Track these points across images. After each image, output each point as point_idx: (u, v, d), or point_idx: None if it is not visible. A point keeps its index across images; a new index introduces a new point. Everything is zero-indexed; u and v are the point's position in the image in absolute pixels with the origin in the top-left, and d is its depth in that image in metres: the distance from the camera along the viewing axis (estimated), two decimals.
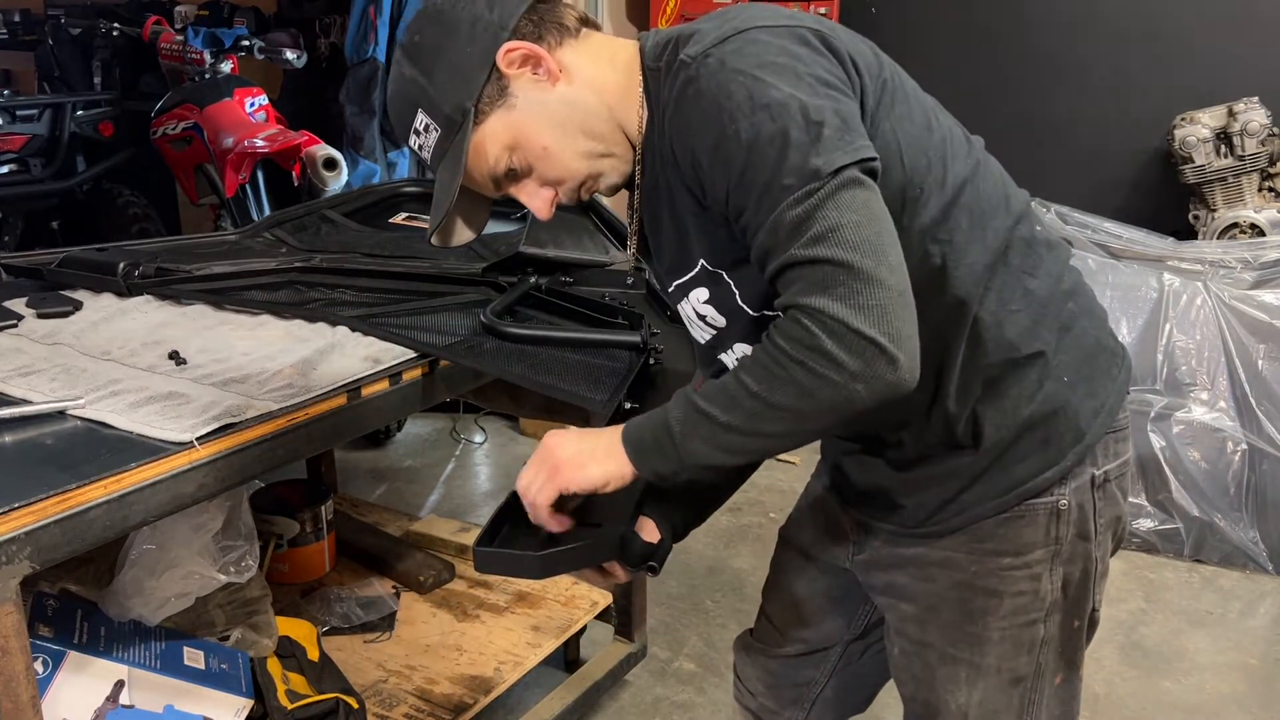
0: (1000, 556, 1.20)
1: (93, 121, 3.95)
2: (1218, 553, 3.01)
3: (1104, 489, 1.22)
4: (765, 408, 1.01)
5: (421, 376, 1.67)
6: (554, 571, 1.21)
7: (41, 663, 1.51)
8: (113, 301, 1.90)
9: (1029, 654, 1.24)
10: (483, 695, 2.07)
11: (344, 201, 2.57)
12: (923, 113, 1.15)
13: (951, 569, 1.23)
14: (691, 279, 1.19)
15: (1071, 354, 1.18)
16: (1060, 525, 1.19)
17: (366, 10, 3.87)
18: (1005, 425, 1.16)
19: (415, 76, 1.14)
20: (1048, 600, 1.22)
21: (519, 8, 1.14)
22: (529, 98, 1.13)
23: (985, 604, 1.22)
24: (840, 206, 0.97)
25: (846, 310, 0.95)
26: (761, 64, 1.02)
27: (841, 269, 0.96)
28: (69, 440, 1.34)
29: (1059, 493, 1.19)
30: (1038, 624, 1.23)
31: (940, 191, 1.12)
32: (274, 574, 2.33)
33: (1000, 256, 1.15)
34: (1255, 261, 3.05)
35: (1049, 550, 1.20)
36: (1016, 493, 1.18)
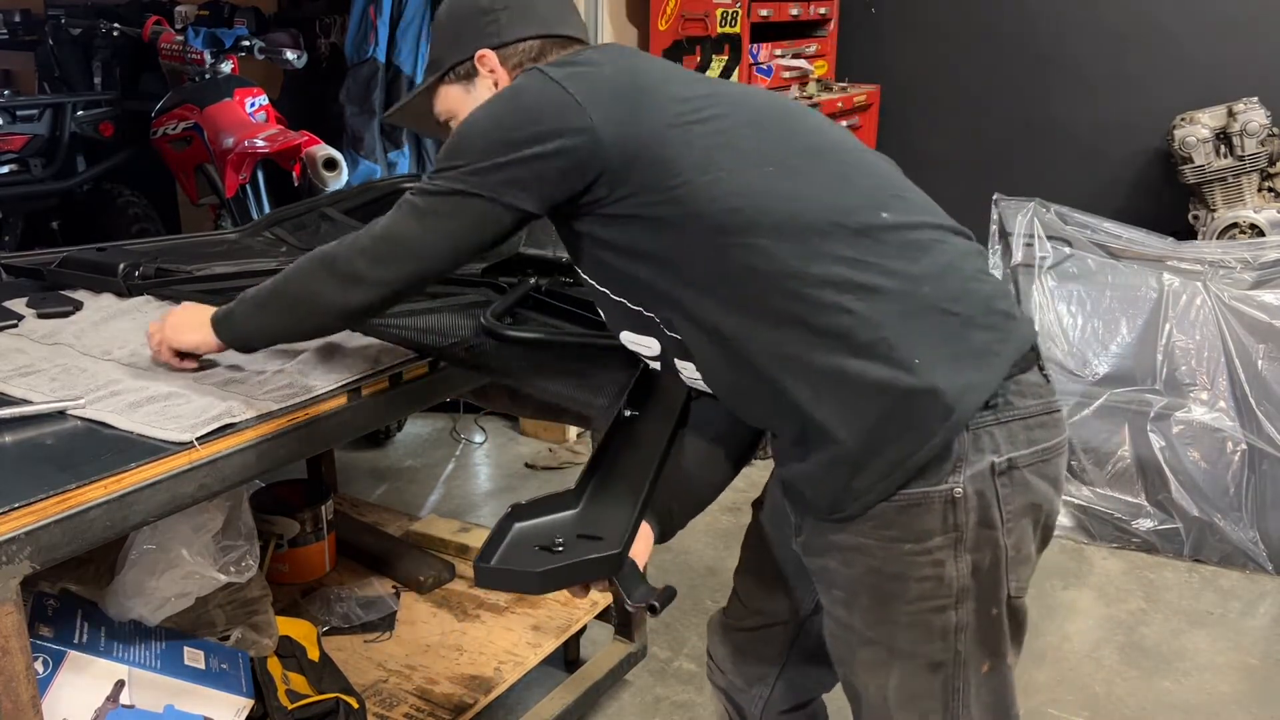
0: (902, 542, 1.23)
1: (93, 121, 3.95)
2: (1217, 553, 3.01)
3: (1009, 475, 1.22)
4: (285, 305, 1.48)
5: (421, 376, 1.67)
6: (553, 587, 1.21)
7: (41, 663, 1.51)
8: (113, 302, 1.90)
9: (943, 640, 1.26)
10: (483, 695, 2.07)
11: (344, 199, 2.56)
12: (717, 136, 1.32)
13: (864, 554, 1.25)
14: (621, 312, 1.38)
15: (916, 335, 1.19)
16: (958, 513, 1.21)
17: (366, 10, 3.86)
18: (856, 414, 1.19)
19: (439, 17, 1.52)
20: (955, 586, 1.24)
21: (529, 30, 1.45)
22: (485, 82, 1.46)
23: (893, 589, 1.25)
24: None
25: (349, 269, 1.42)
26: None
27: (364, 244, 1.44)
28: (69, 440, 1.34)
29: (952, 480, 1.20)
30: (948, 610, 1.25)
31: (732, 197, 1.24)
32: (274, 574, 2.34)
33: (812, 249, 1.20)
34: (1255, 262, 3.05)
35: (949, 537, 1.22)
36: (900, 474, 1.19)
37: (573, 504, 1.30)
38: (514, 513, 1.26)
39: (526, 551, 1.22)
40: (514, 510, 1.26)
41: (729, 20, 3.44)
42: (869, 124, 3.92)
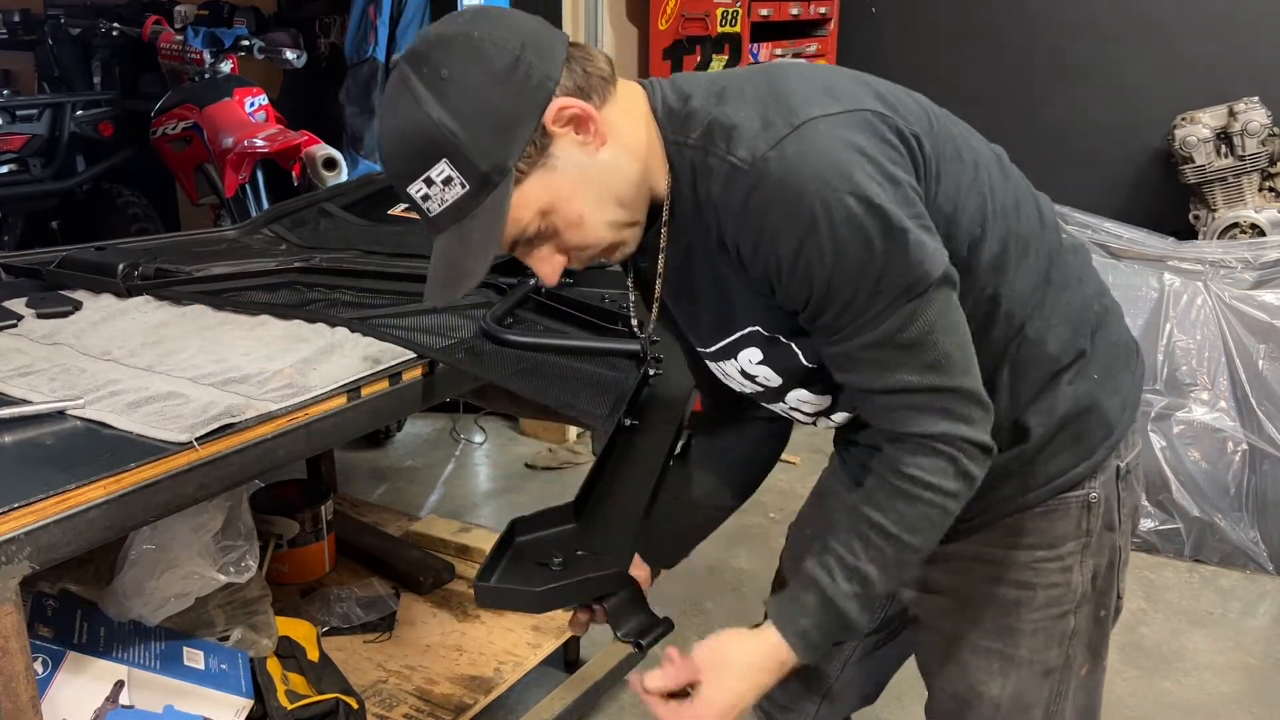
0: (1034, 549, 1.22)
1: (92, 121, 3.95)
2: (1218, 553, 3.01)
3: (1126, 479, 1.24)
4: (920, 553, 1.09)
5: (421, 377, 1.67)
6: (553, 606, 1.21)
7: (41, 663, 1.51)
8: (112, 302, 1.90)
9: (1059, 646, 1.26)
10: (483, 695, 2.07)
11: (343, 193, 2.56)
12: (969, 150, 1.15)
13: (985, 563, 1.24)
14: (739, 341, 1.16)
15: (1101, 353, 1.21)
16: (1090, 517, 1.22)
17: (366, 10, 3.87)
18: (1045, 426, 1.18)
19: (443, 120, 0.97)
20: (1079, 592, 1.24)
21: (558, 54, 1.02)
22: (571, 160, 1.02)
23: (1019, 596, 1.24)
24: (942, 327, 1.02)
25: (972, 431, 1.05)
26: (830, 167, 0.97)
27: (958, 395, 1.04)
28: (69, 440, 1.34)
29: (1089, 485, 1.21)
30: (1069, 615, 1.25)
31: (995, 225, 1.12)
32: (274, 574, 2.33)
33: (1043, 276, 1.16)
34: (1255, 261, 3.05)
35: (1080, 542, 1.22)
36: (1050, 488, 1.20)
37: (573, 518, 1.30)
38: (514, 528, 1.26)
39: (526, 569, 1.22)
40: (514, 525, 1.26)
41: (729, 20, 3.44)
42: None
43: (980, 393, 1.06)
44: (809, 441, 3.83)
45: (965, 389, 1.04)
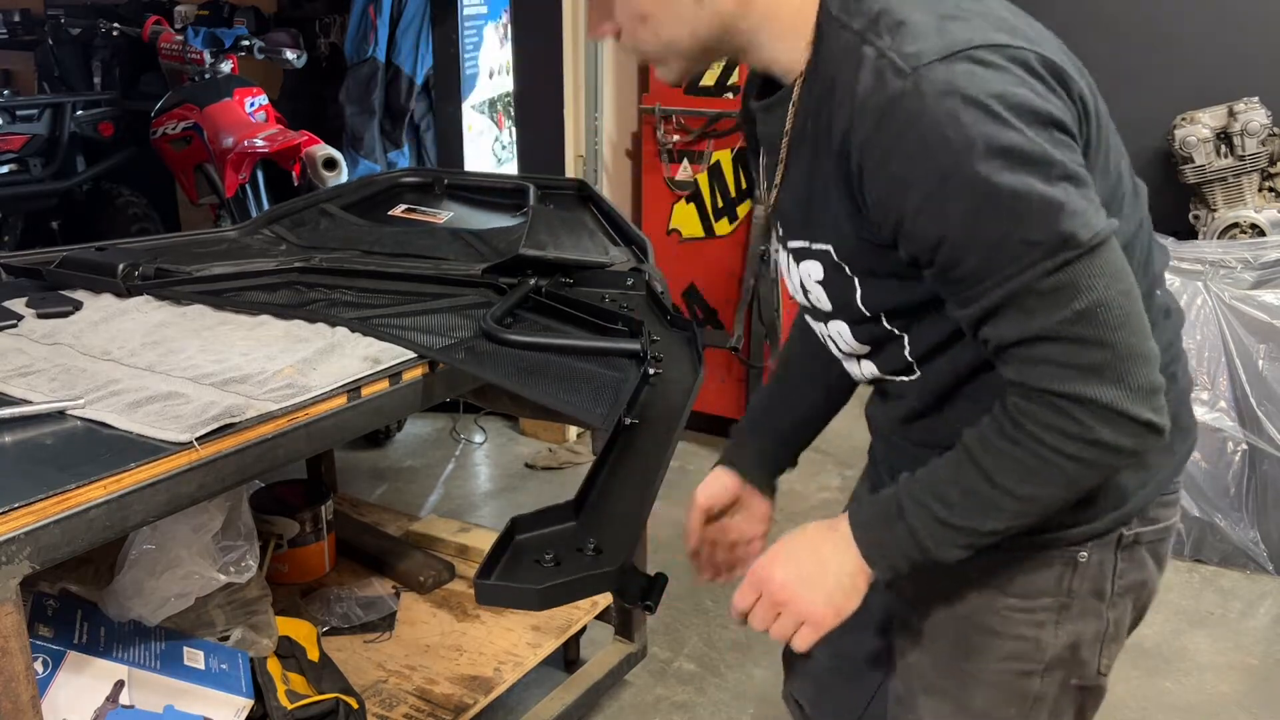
0: (1006, 597, 1.14)
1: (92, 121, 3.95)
2: (1218, 553, 3.01)
3: (1130, 551, 1.13)
4: (1033, 505, 0.98)
5: (421, 376, 1.67)
6: (554, 603, 1.21)
7: (41, 663, 1.51)
8: (112, 302, 1.90)
9: (1018, 707, 1.16)
10: (483, 695, 2.07)
11: (343, 193, 2.56)
12: (1115, 153, 1.07)
13: (954, 601, 1.17)
14: (808, 253, 1.09)
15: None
16: (1075, 577, 1.12)
17: (366, 10, 3.87)
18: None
19: None
20: (1049, 654, 1.15)
21: None
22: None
23: (981, 642, 1.16)
24: (1104, 277, 0.90)
25: (1120, 394, 0.91)
26: (996, 95, 0.89)
27: (1110, 350, 0.91)
28: (69, 440, 1.34)
29: (1080, 545, 1.11)
30: (1033, 676, 1.15)
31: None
32: (274, 574, 2.33)
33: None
34: (1255, 261, 3.05)
35: (1058, 601, 1.13)
36: (1032, 537, 1.08)
37: (573, 515, 1.30)
38: (514, 526, 1.26)
39: (527, 566, 1.22)
40: (514, 523, 1.26)
41: None
42: None
43: (1148, 353, 0.92)
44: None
45: (1123, 346, 0.91)
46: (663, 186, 3.68)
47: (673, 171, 3.64)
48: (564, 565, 1.20)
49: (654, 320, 1.93)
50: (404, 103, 3.95)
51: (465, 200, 2.58)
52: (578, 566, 1.20)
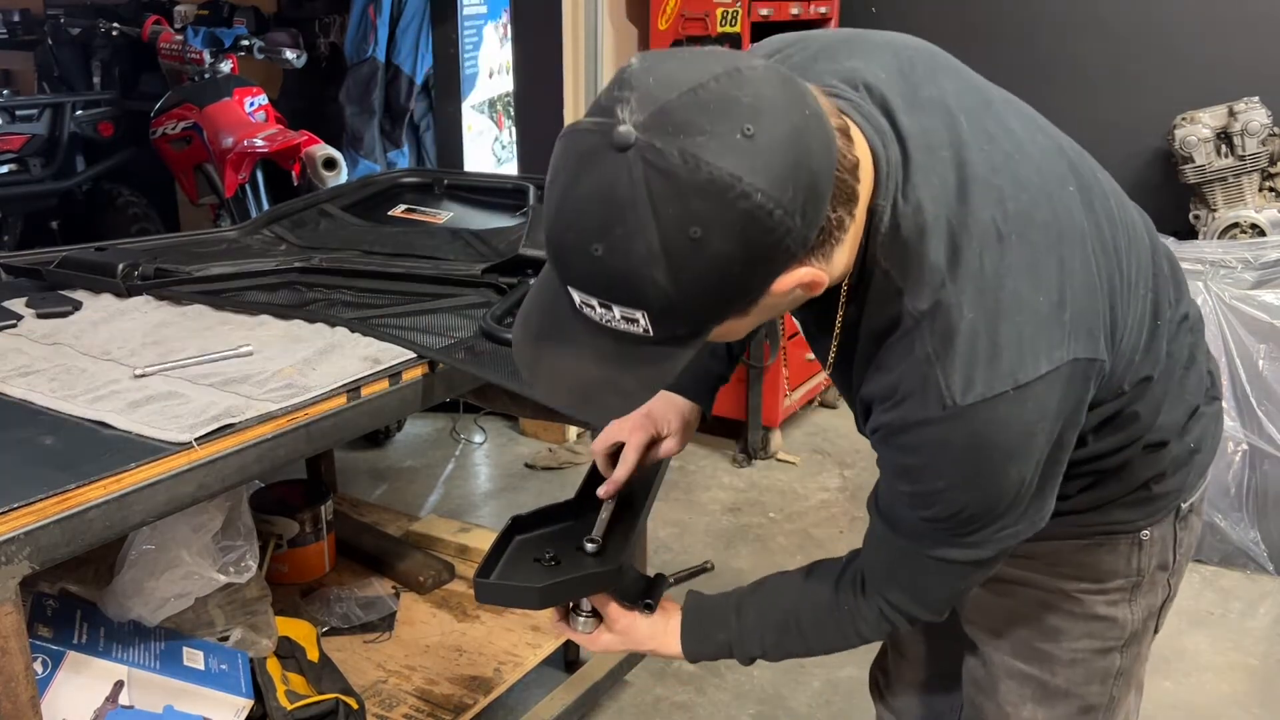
0: (1079, 581, 1.19)
1: (92, 121, 3.95)
2: (1218, 553, 3.01)
3: (1186, 519, 1.20)
4: (810, 651, 1.19)
5: (421, 377, 1.67)
6: (554, 602, 1.21)
7: (41, 663, 1.51)
8: (112, 302, 1.90)
9: (1102, 684, 1.22)
10: (483, 695, 2.07)
11: (343, 194, 2.56)
12: (1132, 266, 1.05)
13: (1029, 586, 1.21)
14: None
15: (1200, 424, 1.17)
16: (1142, 556, 1.18)
17: (366, 10, 3.87)
18: (1121, 487, 1.15)
19: (658, 280, 0.78)
20: (1127, 630, 1.20)
21: (822, 186, 0.83)
22: (769, 304, 0.86)
23: (1059, 624, 1.21)
24: (980, 573, 1.06)
25: (936, 614, 1.10)
26: (1018, 442, 0.93)
27: (951, 601, 1.10)
28: (69, 440, 1.34)
29: (1142, 524, 1.17)
30: (1114, 653, 1.21)
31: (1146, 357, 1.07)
32: (274, 574, 2.33)
33: (1166, 369, 1.10)
34: (1256, 261, 3.05)
35: (1130, 580, 1.19)
36: (1102, 527, 1.16)
37: (573, 515, 1.30)
38: (514, 525, 1.26)
39: (526, 566, 1.22)
40: (514, 522, 1.26)
41: (729, 20, 3.44)
42: None
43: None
44: (809, 441, 3.83)
45: (955, 598, 1.11)
46: None
47: None
48: (564, 564, 1.20)
49: None
50: (404, 102, 3.95)
51: (465, 200, 2.58)
52: (577, 566, 1.20)
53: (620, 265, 0.78)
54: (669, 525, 3.19)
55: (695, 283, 0.79)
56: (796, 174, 0.78)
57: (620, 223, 0.77)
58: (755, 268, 0.81)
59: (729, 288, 0.81)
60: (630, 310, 0.81)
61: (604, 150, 0.77)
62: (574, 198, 0.80)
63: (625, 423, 1.26)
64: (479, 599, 1.20)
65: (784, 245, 0.80)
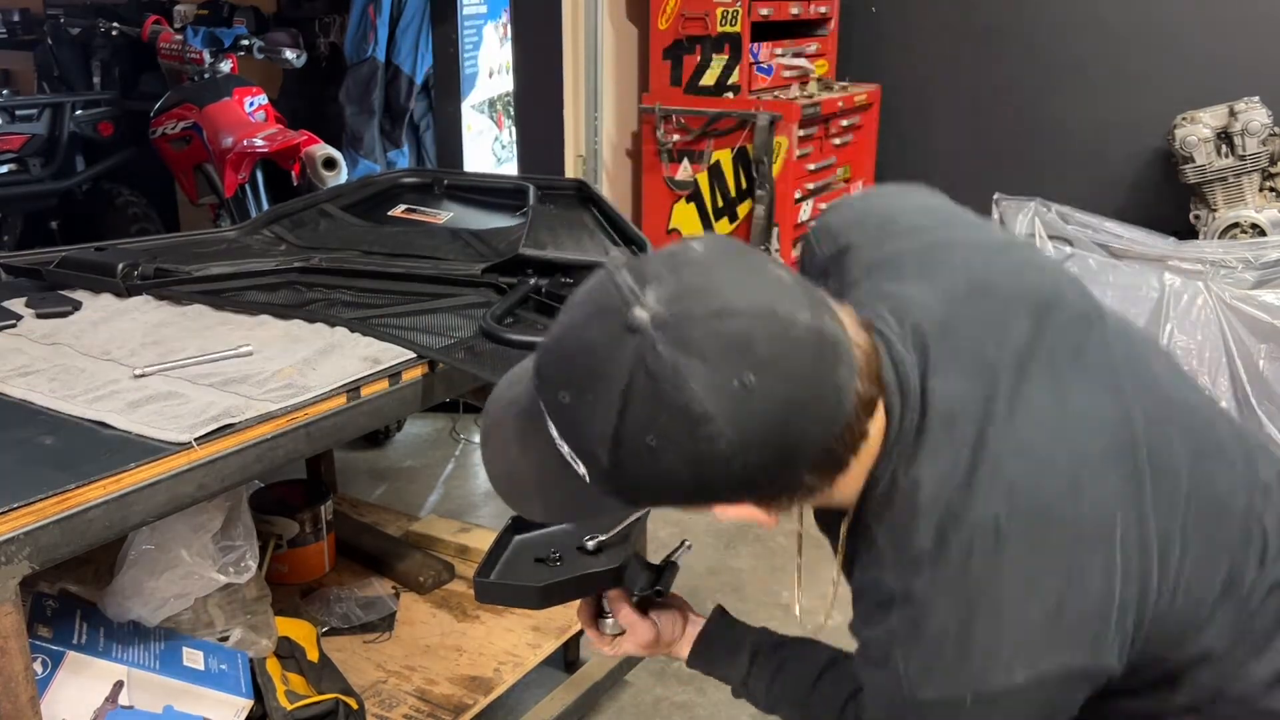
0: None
1: (92, 121, 3.95)
2: None
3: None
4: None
5: (421, 377, 1.66)
6: (554, 602, 1.21)
7: (40, 663, 1.51)
8: (112, 302, 1.90)
9: None
10: (483, 696, 2.07)
11: (343, 194, 2.56)
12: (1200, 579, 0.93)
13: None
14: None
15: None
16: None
17: (366, 10, 3.87)
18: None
19: (600, 458, 0.81)
20: None
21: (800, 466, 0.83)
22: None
23: None
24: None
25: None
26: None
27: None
28: (68, 440, 1.34)
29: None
30: None
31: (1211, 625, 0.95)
32: (273, 574, 2.33)
33: (1237, 639, 0.96)
34: (1256, 261, 3.05)
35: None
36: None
37: None
38: (514, 525, 1.26)
39: (526, 565, 1.22)
40: (514, 522, 1.26)
41: (729, 19, 3.44)
42: (869, 124, 3.92)
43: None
44: None
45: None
46: (663, 186, 3.68)
47: (673, 171, 3.64)
48: (564, 564, 1.20)
49: None
50: (403, 102, 3.95)
51: (465, 200, 2.58)
52: (578, 565, 1.20)
53: (577, 422, 0.80)
54: (669, 525, 3.18)
55: (635, 477, 0.81)
56: (774, 439, 0.78)
57: (593, 390, 0.78)
58: (698, 493, 0.82)
59: (666, 494, 0.82)
60: (574, 456, 0.83)
61: (617, 317, 0.78)
62: (573, 339, 0.81)
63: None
64: (479, 599, 1.20)
65: (733, 488, 0.81)
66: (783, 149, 3.44)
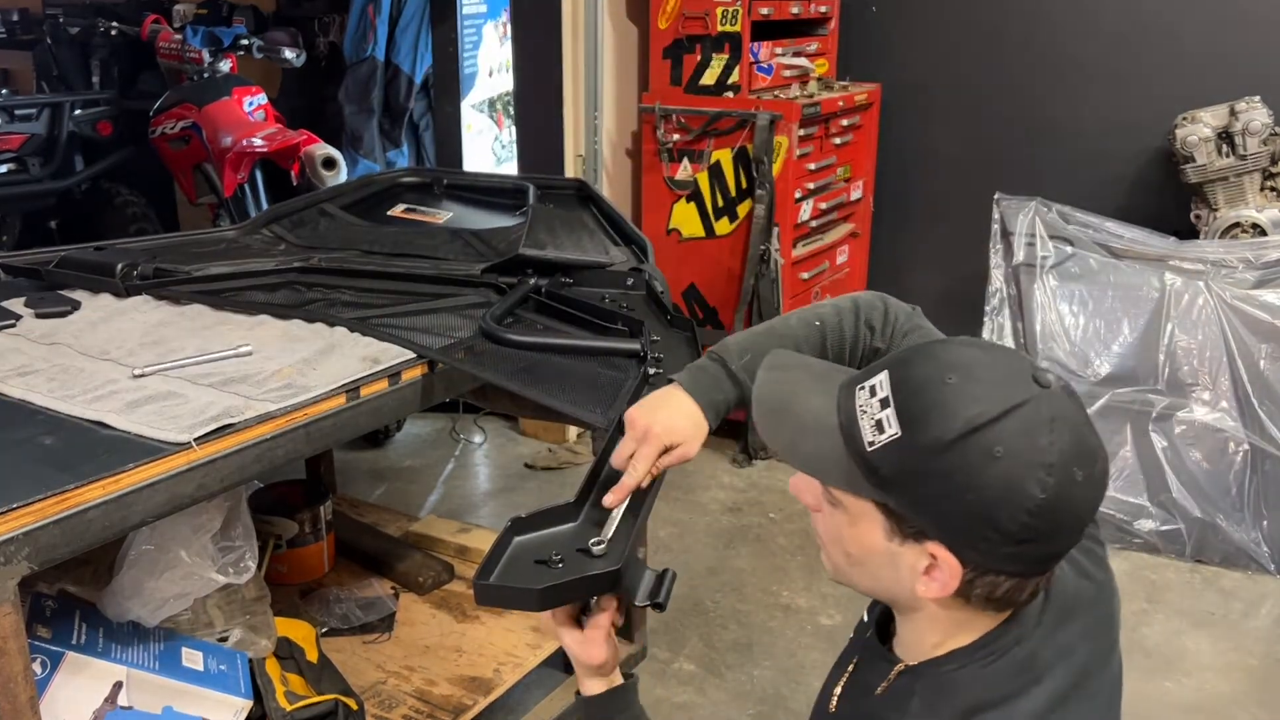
0: None
1: (91, 121, 3.94)
2: (1219, 553, 3.00)
3: None
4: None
5: (421, 377, 1.66)
6: (553, 604, 1.20)
7: (40, 664, 1.50)
8: (111, 301, 1.89)
9: None
10: (482, 696, 2.06)
11: (342, 193, 2.56)
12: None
13: None
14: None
15: None
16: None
17: (366, 10, 3.86)
18: None
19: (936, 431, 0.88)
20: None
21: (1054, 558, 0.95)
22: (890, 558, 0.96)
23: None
24: None
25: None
26: None
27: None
28: (68, 440, 1.34)
29: None
30: None
31: None
32: (273, 574, 2.33)
33: None
34: (1257, 261, 3.05)
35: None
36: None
37: (573, 516, 1.29)
38: (513, 526, 1.25)
39: (526, 567, 1.21)
40: (513, 524, 1.25)
41: (729, 19, 3.43)
42: (869, 123, 3.91)
43: None
44: None
45: None
46: (663, 186, 3.67)
47: (673, 171, 3.64)
48: (564, 566, 1.20)
49: (654, 320, 1.92)
50: (403, 102, 3.95)
51: (465, 200, 2.58)
52: (578, 567, 1.19)
53: (944, 401, 0.88)
54: (669, 525, 3.18)
55: (946, 465, 0.88)
56: (1053, 522, 0.88)
57: (985, 386, 0.89)
58: (966, 516, 0.88)
59: (941, 496, 0.89)
60: (895, 420, 0.90)
61: (1028, 368, 0.91)
62: (983, 361, 0.92)
63: (640, 424, 1.25)
64: (478, 600, 1.20)
65: (989, 533, 0.88)
66: (783, 149, 3.44)
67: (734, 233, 3.59)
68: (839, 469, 0.95)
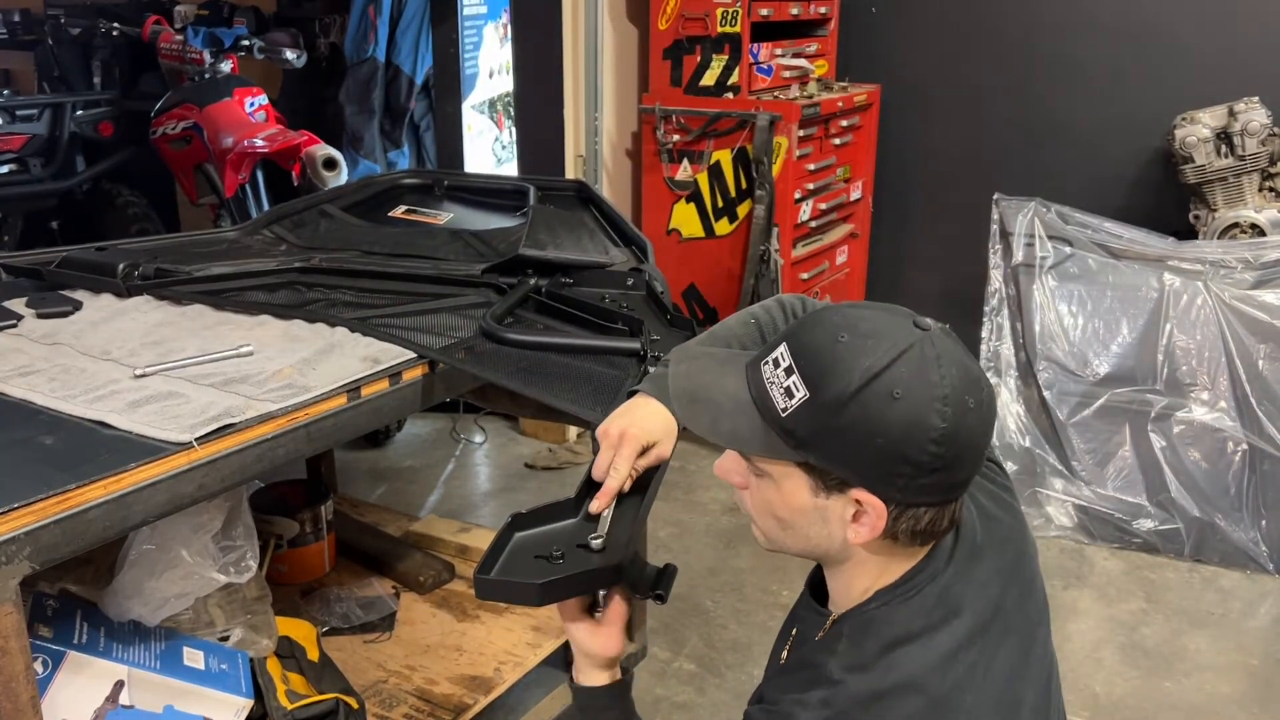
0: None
1: (92, 121, 3.94)
2: (1218, 553, 3.01)
3: None
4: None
5: (421, 377, 1.67)
6: (554, 599, 1.20)
7: (41, 663, 1.51)
8: (112, 301, 1.90)
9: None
10: (483, 695, 2.07)
11: (343, 194, 2.56)
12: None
13: None
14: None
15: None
16: None
17: (366, 10, 3.86)
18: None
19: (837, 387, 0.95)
20: None
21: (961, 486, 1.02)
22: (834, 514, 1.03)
23: None
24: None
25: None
26: None
27: None
28: (68, 440, 1.34)
29: None
30: None
31: None
32: (274, 574, 2.33)
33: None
34: (1256, 261, 3.05)
35: None
36: None
37: (573, 512, 1.30)
38: (514, 522, 1.26)
39: (526, 562, 1.21)
40: (514, 520, 1.26)
41: (729, 19, 3.44)
42: (869, 124, 3.92)
43: None
44: None
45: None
46: (663, 186, 3.68)
47: (672, 171, 3.64)
48: (564, 561, 1.20)
49: (654, 320, 1.92)
50: (404, 102, 3.95)
51: (465, 201, 2.58)
52: (578, 562, 1.20)
53: (840, 358, 0.96)
54: (669, 525, 3.18)
55: (852, 417, 0.95)
56: (956, 451, 0.96)
57: (874, 338, 0.96)
58: (881, 454, 0.95)
59: (855, 444, 0.96)
60: (801, 384, 0.97)
61: (907, 318, 0.99)
62: (864, 314, 0.99)
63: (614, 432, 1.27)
64: (479, 595, 1.20)
65: (905, 467, 0.95)
66: (782, 149, 3.45)
67: (734, 233, 3.59)
68: (759, 439, 1.01)
